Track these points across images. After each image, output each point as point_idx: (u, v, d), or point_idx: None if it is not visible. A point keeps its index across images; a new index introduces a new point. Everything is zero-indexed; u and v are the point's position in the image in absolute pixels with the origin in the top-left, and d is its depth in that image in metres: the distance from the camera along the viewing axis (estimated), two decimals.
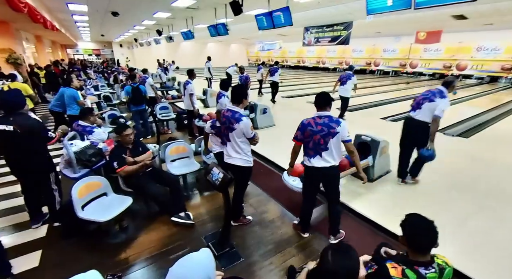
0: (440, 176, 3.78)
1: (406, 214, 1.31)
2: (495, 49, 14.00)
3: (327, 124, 2.10)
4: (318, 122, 2.13)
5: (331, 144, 2.12)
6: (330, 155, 2.17)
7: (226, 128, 2.35)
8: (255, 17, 6.46)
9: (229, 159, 2.43)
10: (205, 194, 3.37)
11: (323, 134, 2.11)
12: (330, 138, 2.11)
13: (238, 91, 2.34)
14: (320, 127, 2.11)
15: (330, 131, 2.09)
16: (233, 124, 2.27)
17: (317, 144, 2.15)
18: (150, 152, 2.92)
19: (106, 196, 2.59)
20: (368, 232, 2.70)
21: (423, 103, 3.12)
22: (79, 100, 4.50)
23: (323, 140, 2.12)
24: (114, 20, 9.77)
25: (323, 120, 2.12)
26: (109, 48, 25.50)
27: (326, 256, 1.11)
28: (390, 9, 3.41)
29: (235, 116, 2.27)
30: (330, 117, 2.13)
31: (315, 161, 2.22)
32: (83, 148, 2.70)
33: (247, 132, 2.28)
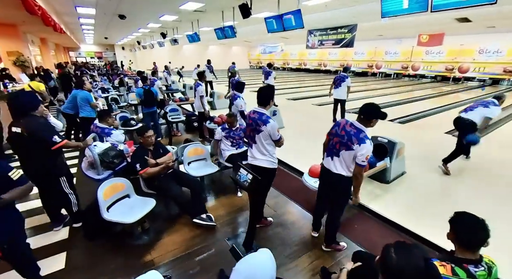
0: (455, 177, 3.80)
1: (456, 212, 1.31)
2: (497, 51, 14.10)
3: (349, 135, 1.98)
4: (346, 128, 2.04)
5: (343, 155, 2.05)
6: (338, 162, 2.10)
7: (253, 130, 2.30)
8: (265, 19, 6.50)
9: (254, 161, 2.39)
10: (223, 196, 3.36)
11: (341, 142, 2.04)
12: (345, 150, 2.02)
13: (265, 92, 2.29)
14: (344, 133, 2.03)
15: (348, 144, 1.99)
16: (260, 127, 2.23)
17: (333, 146, 2.13)
18: (171, 153, 2.93)
19: (128, 197, 2.59)
20: (390, 233, 2.70)
21: (477, 107, 3.75)
22: (92, 103, 4.51)
23: (339, 146, 2.06)
24: (120, 23, 9.82)
25: (351, 130, 2.00)
26: (111, 51, 25.60)
27: (388, 253, 1.09)
28: (406, 11, 3.45)
29: (262, 118, 2.23)
30: (359, 131, 1.97)
31: (326, 161, 2.22)
32: (105, 150, 2.71)
33: (274, 135, 2.24)
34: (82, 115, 4.60)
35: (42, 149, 2.31)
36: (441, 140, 5.49)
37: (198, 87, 5.05)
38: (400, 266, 1.05)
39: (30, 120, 2.26)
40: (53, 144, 2.32)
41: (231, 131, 3.48)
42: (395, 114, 7.66)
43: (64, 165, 2.60)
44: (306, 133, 5.84)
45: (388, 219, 2.86)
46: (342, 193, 2.25)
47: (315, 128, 6.16)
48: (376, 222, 2.89)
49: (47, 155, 2.37)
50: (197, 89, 5.07)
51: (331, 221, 2.38)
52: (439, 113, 8.14)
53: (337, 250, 2.43)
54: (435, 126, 6.48)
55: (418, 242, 2.48)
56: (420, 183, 3.63)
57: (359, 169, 2.00)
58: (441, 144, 5.19)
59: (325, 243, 2.47)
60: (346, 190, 2.23)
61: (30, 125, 2.24)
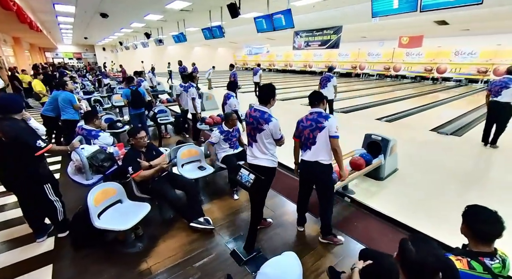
0: (446, 172, 3.91)
1: (468, 205, 1.31)
2: (471, 53, 14.90)
3: (315, 119, 2.20)
4: (308, 118, 2.26)
5: (319, 138, 2.19)
6: (317, 149, 2.23)
7: (253, 129, 2.24)
8: (254, 19, 6.47)
9: (254, 160, 2.32)
10: (219, 198, 3.26)
11: (311, 128, 2.21)
12: (318, 133, 2.18)
13: (266, 90, 2.23)
14: (310, 123, 2.23)
15: (318, 126, 2.17)
16: (262, 125, 2.17)
17: (307, 138, 2.26)
18: (164, 155, 2.80)
19: (121, 203, 2.44)
20: (389, 229, 2.72)
21: (501, 91, 4.37)
22: (75, 104, 4.27)
23: (312, 134, 2.22)
24: (102, 22, 9.45)
25: (313, 116, 2.23)
26: (91, 52, 24.63)
27: (407, 246, 1.07)
28: (395, 11, 3.53)
29: (264, 117, 2.16)
30: (320, 113, 2.22)
31: (305, 155, 2.32)
32: (94, 153, 2.54)
33: (276, 133, 2.20)
34: (64, 117, 4.34)
35: (23, 155, 2.13)
36: (428, 136, 5.68)
37: (190, 88, 4.91)
38: (421, 258, 1.05)
39: (9, 124, 2.07)
40: (37, 149, 2.13)
41: (229, 133, 3.37)
42: (382, 113, 7.87)
43: (48, 171, 2.40)
44: None
45: (386, 215, 2.88)
46: (328, 180, 2.38)
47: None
48: (375, 218, 2.90)
49: (29, 161, 2.18)
50: (189, 91, 4.93)
51: (324, 211, 2.44)
52: (422, 111, 8.45)
53: (334, 243, 2.45)
54: (420, 124, 6.71)
55: None
56: (411, 179, 3.70)
57: (335, 141, 2.18)
58: (428, 141, 5.37)
59: (321, 234, 2.51)
60: (330, 176, 2.38)
61: (9, 129, 2.05)
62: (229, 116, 3.34)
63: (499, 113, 4.56)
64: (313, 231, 2.66)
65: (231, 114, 3.38)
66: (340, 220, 2.84)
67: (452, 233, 2.55)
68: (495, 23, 10.65)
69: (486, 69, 14.57)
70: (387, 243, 2.50)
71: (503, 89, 4.37)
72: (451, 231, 2.60)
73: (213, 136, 3.20)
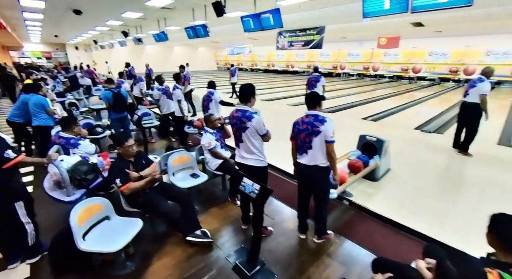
0: (437, 170, 4.00)
1: (494, 214, 1.26)
2: (443, 54, 15.74)
3: (311, 123, 2.13)
4: (304, 121, 2.19)
5: (315, 142, 2.14)
6: (314, 153, 2.18)
7: (238, 129, 2.29)
8: (241, 19, 6.30)
9: (241, 159, 2.39)
10: (214, 207, 3.08)
11: (307, 132, 2.15)
12: (313, 137, 2.13)
13: (246, 90, 2.28)
14: (305, 126, 2.16)
15: (314, 130, 2.12)
16: (245, 123, 2.22)
17: (303, 141, 2.20)
18: (155, 164, 2.58)
19: (108, 220, 2.19)
20: (391, 232, 2.69)
21: (469, 90, 4.25)
22: (48, 109, 3.88)
23: (308, 138, 2.16)
24: (74, 19, 8.81)
25: (309, 119, 2.16)
26: (63, 51, 23.11)
27: (446, 268, 0.98)
28: (386, 12, 3.55)
29: (246, 115, 2.23)
30: (316, 116, 2.15)
31: (302, 158, 2.27)
32: (75, 165, 2.27)
33: (260, 129, 2.24)
34: (36, 123, 3.93)
35: None
36: (413, 135, 5.84)
37: (176, 90, 4.66)
38: (466, 277, 0.97)
39: None
40: (5, 160, 1.85)
41: (216, 134, 3.24)
42: (367, 112, 8.03)
43: (20, 186, 2.10)
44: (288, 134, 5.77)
45: (386, 217, 2.86)
46: (324, 182, 2.33)
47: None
48: (375, 221, 2.87)
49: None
50: (174, 92, 4.68)
51: (320, 213, 2.43)
52: (403, 110, 8.74)
53: (327, 239, 2.48)
54: (404, 123, 6.91)
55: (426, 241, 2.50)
56: (404, 178, 3.75)
57: (331, 146, 2.14)
58: (415, 139, 5.51)
59: (316, 235, 2.49)
60: (326, 179, 2.33)
61: None
62: (208, 118, 3.24)
63: (467, 115, 4.32)
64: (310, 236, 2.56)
65: (210, 115, 3.30)
66: (340, 224, 2.78)
67: (454, 233, 2.59)
68: (465, 25, 11.28)
69: (457, 69, 15.45)
70: (391, 246, 2.47)
71: (470, 89, 4.23)
72: (453, 231, 2.65)
73: (210, 141, 3.03)
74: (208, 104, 4.38)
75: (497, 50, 13.89)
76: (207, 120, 3.20)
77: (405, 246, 2.48)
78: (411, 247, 2.45)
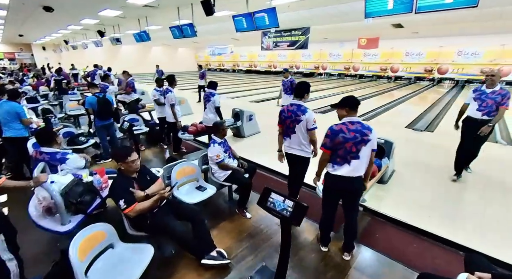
0: (438, 170, 4.04)
1: None
2: (419, 54, 16.51)
3: (360, 131, 1.98)
4: (350, 128, 1.99)
5: (363, 151, 2.01)
6: (359, 164, 2.04)
7: (292, 121, 2.58)
8: (233, 18, 6.06)
9: (291, 150, 2.72)
10: (224, 221, 2.83)
11: (356, 141, 1.98)
12: (363, 146, 2.00)
13: (302, 87, 2.60)
14: (353, 134, 1.98)
15: (364, 139, 1.98)
16: (300, 116, 2.52)
17: (348, 151, 2.01)
18: (160, 179, 2.29)
19: (112, 248, 1.88)
20: (411, 237, 2.61)
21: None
22: (24, 119, 3.41)
23: (356, 147, 2.00)
24: (44, 17, 8.05)
25: (356, 127, 2.00)
26: (28, 51, 21.32)
27: None
28: (390, 12, 3.52)
29: (301, 109, 2.54)
30: (361, 123, 2.04)
31: (341, 170, 2.07)
32: (69, 186, 1.92)
33: (310, 123, 2.51)
34: (8, 134, 3.46)
35: None
36: (406, 134, 5.94)
37: (168, 93, 4.33)
38: None
39: None
40: None
41: (224, 143, 3.01)
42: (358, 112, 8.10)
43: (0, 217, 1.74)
44: None
45: (403, 221, 2.80)
46: (360, 195, 2.29)
47: None
48: (392, 226, 2.79)
49: None
50: (167, 96, 4.34)
51: (353, 226, 2.28)
52: (390, 109, 8.96)
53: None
54: (394, 122, 7.04)
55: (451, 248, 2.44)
56: (410, 180, 3.74)
57: (373, 154, 2.10)
58: (409, 139, 5.59)
59: (346, 252, 2.33)
60: (362, 191, 2.26)
61: None
62: (219, 125, 2.98)
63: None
64: (338, 249, 2.42)
65: (221, 123, 3.03)
66: (360, 232, 2.66)
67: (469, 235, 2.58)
68: (440, 27, 11.87)
69: (432, 68, 16.29)
70: (417, 254, 2.39)
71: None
72: (468, 233, 2.63)
73: (218, 153, 2.78)
74: (206, 104, 4.15)
75: (467, 50, 14.80)
76: (217, 127, 2.92)
77: (429, 252, 2.41)
78: (435, 253, 2.40)
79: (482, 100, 3.27)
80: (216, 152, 2.83)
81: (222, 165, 2.84)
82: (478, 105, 3.30)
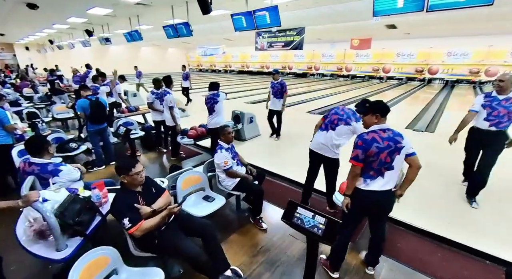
0: (447, 172, 3.96)
1: None
2: (410, 54, 16.76)
3: (392, 139, 1.82)
4: (383, 137, 1.82)
5: (396, 161, 1.83)
6: (392, 175, 1.86)
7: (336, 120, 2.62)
8: (231, 16, 5.84)
9: (320, 150, 2.70)
10: (235, 233, 2.62)
11: (390, 150, 1.80)
12: (396, 155, 1.82)
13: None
14: (387, 143, 1.80)
15: (397, 147, 1.81)
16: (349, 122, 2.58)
17: (383, 162, 1.82)
18: (167, 191, 2.06)
19: (116, 274, 1.65)
20: (434, 246, 2.49)
21: None
22: (8, 125, 3.09)
23: (390, 157, 1.82)
24: (27, 15, 7.58)
25: (388, 134, 1.83)
26: (10, 52, 20.36)
27: None
28: (400, 11, 3.40)
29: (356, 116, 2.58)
30: (392, 130, 1.88)
31: (375, 184, 1.86)
32: (64, 204, 1.67)
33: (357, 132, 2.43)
34: None
35: None
36: (407, 134, 5.83)
37: (166, 96, 4.07)
38: None
39: None
40: None
41: (231, 149, 2.81)
42: None
43: None
44: (288, 139, 5.49)
45: (422, 229, 2.67)
46: (392, 208, 2.07)
47: (292, 132, 5.87)
48: (411, 234, 2.66)
49: None
50: (165, 98, 4.09)
51: (381, 241, 2.10)
52: None
53: None
54: (393, 122, 6.87)
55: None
56: (421, 183, 3.60)
57: (415, 158, 1.88)
58: (411, 139, 5.49)
59: (370, 266, 2.17)
60: (393, 204, 2.05)
61: None
62: (223, 129, 2.78)
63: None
64: (359, 262, 2.26)
65: (224, 127, 2.84)
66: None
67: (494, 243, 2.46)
68: (431, 28, 12.04)
69: (422, 69, 16.56)
70: (443, 265, 2.25)
71: None
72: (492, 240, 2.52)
73: (226, 160, 2.58)
74: (213, 107, 3.91)
75: (456, 51, 15.12)
76: (221, 131, 2.73)
77: (456, 263, 2.28)
78: (462, 263, 2.27)
79: (492, 108, 2.81)
80: (224, 158, 2.63)
81: (230, 172, 2.64)
82: (487, 114, 2.85)
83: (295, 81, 18.04)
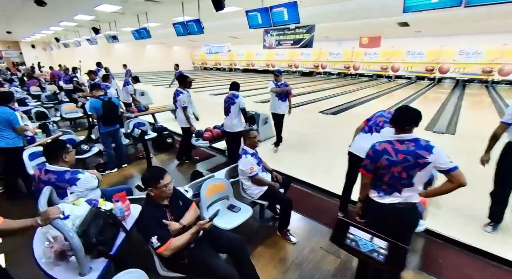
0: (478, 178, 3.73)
1: None
2: (420, 53, 16.40)
3: (413, 152, 1.55)
4: (398, 149, 1.59)
5: (418, 178, 1.59)
6: (412, 191, 1.63)
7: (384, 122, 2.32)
8: (246, 13, 5.63)
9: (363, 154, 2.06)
10: (258, 245, 2.45)
11: (407, 165, 1.56)
12: (417, 171, 1.57)
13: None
14: (403, 157, 1.56)
15: (418, 162, 1.55)
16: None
17: (397, 178, 1.60)
18: (194, 204, 1.88)
19: None
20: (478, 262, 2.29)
21: None
22: (18, 127, 2.93)
23: (406, 173, 1.57)
24: (35, 12, 7.45)
25: (407, 147, 1.57)
26: (16, 50, 20.34)
27: None
28: (434, 6, 3.16)
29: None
30: (417, 142, 1.59)
31: (390, 199, 1.66)
32: (86, 221, 1.49)
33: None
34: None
35: None
36: (428, 137, 5.59)
37: (180, 95, 3.89)
38: None
39: None
40: None
41: (256, 155, 2.63)
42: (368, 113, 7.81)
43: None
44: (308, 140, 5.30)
45: (464, 243, 2.46)
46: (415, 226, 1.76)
47: (310, 133, 5.67)
48: (455, 250, 2.45)
49: None
50: (178, 98, 3.90)
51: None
52: None
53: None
54: None
55: None
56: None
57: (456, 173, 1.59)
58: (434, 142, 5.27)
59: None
60: (416, 223, 1.77)
61: None
62: (249, 133, 2.60)
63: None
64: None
65: (249, 130, 2.66)
66: (420, 259, 2.32)
67: None
68: (443, 26, 11.70)
69: (433, 68, 16.20)
70: None
71: None
72: None
73: (252, 166, 2.40)
74: (230, 107, 3.73)
75: (469, 49, 14.74)
76: (245, 136, 2.55)
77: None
78: None
79: None
80: (249, 164, 2.45)
81: (257, 179, 2.46)
82: None
83: (301, 80, 17.77)
